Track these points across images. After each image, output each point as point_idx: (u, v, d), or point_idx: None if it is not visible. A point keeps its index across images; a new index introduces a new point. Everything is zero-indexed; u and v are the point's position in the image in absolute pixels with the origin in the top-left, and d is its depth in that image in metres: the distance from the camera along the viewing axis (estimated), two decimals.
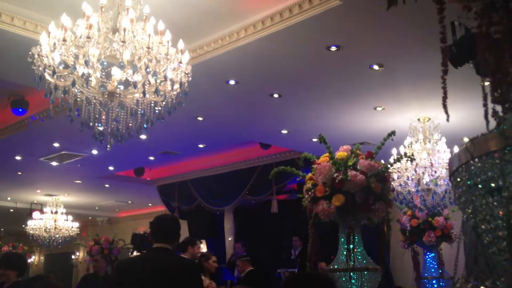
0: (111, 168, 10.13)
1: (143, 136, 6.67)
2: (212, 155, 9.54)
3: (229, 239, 11.38)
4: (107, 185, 12.03)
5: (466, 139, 5.69)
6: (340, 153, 4.45)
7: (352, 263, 4.21)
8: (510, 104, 1.44)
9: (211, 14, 4.64)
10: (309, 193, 4.39)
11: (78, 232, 13.72)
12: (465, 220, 1.57)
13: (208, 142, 8.46)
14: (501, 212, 1.39)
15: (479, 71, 4.88)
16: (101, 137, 4.00)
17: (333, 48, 4.87)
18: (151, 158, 9.44)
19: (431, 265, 7.59)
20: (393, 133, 4.82)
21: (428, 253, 7.64)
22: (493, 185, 1.42)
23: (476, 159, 1.46)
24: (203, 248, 13.02)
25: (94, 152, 8.79)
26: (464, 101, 6.40)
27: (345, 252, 4.29)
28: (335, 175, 4.24)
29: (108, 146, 3.98)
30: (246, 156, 9.82)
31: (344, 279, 4.28)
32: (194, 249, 6.38)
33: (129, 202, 14.78)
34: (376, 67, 5.29)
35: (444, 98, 1.66)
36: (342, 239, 4.38)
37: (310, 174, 4.49)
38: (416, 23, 4.41)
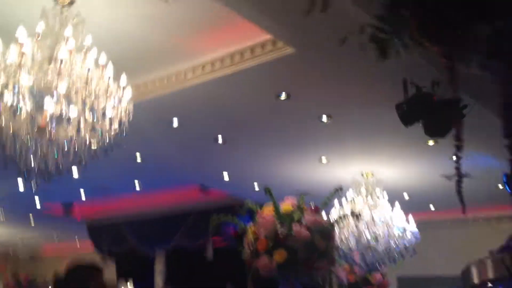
0: (37, 204, 9.50)
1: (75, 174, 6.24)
2: (148, 196, 9.13)
3: (158, 280, 10.88)
4: (32, 225, 11.34)
5: (406, 196, 5.61)
6: (285, 206, 4.26)
7: None
8: None
9: (158, 51, 4.41)
10: (250, 246, 4.17)
11: None
12: None
13: (145, 182, 8.09)
14: None
15: (428, 131, 4.85)
16: (27, 175, 3.64)
17: (283, 96, 4.75)
18: (82, 193, 8.92)
19: None
20: (340, 189, 4.71)
21: None
22: None
23: None
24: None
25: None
26: (407, 158, 6.44)
27: None
28: (279, 229, 4.05)
29: (35, 186, 3.61)
30: (183, 199, 9.46)
31: None
32: None
33: (55, 237, 13.96)
34: (324, 118, 5.20)
35: None
36: None
37: (253, 227, 4.27)
38: (367, 79, 4.36)
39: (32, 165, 3.64)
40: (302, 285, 4.28)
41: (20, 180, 5.21)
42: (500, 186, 6.90)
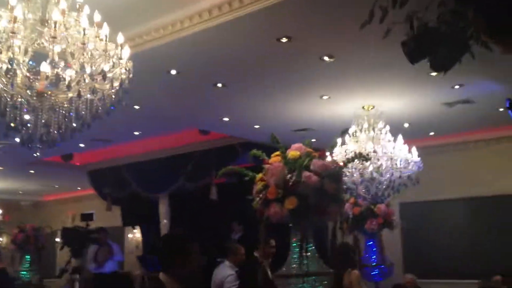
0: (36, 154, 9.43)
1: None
2: (147, 139, 9.08)
3: (164, 221, 11.02)
4: (32, 171, 11.28)
5: (406, 125, 5.57)
6: (293, 153, 4.20)
7: (306, 269, 4.04)
8: None
9: (152, 0, 4.21)
10: (260, 195, 4.15)
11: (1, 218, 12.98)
12: None
13: (144, 129, 8.02)
14: None
15: (434, 65, 4.73)
16: (29, 143, 3.56)
17: (284, 40, 4.59)
18: (82, 145, 8.86)
19: (372, 252, 7.65)
20: (346, 131, 4.66)
21: (369, 240, 7.69)
22: None
23: None
24: (138, 234, 12.63)
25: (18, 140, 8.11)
26: (408, 90, 6.37)
27: (297, 257, 4.13)
28: (288, 176, 4.02)
29: (37, 153, 3.54)
30: (183, 141, 9.42)
31: (297, 284, 4.13)
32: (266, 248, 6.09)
33: (56, 186, 14.02)
34: (326, 58, 5.07)
35: None
36: (294, 244, 4.19)
37: (260, 175, 4.24)
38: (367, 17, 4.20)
39: (33, 132, 3.56)
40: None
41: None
42: (501, 110, 6.89)
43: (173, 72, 5.29)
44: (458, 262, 8.89)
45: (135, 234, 13.32)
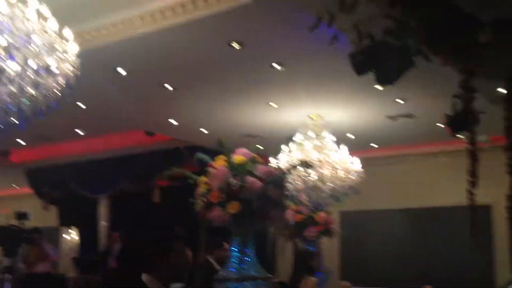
0: None
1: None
2: (91, 139, 8.88)
3: (103, 223, 10.79)
4: None
5: (351, 136, 5.71)
6: (238, 157, 4.23)
7: (245, 272, 4.06)
8: None
9: None
10: (203, 198, 4.15)
11: None
12: None
13: (88, 129, 7.84)
14: None
15: (379, 79, 4.88)
16: None
17: (235, 45, 4.62)
18: (21, 142, 8.56)
19: None
20: (291, 137, 4.73)
21: (309, 247, 7.81)
22: None
23: None
24: (75, 236, 12.29)
25: None
26: (353, 101, 6.53)
27: (236, 261, 4.15)
28: (232, 181, 4.04)
29: None
30: (128, 143, 9.26)
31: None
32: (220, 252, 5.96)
33: None
34: (276, 66, 5.14)
35: None
36: (235, 248, 4.21)
37: (204, 178, 4.24)
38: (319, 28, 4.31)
39: None
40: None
41: None
42: (440, 125, 7.16)
43: (122, 71, 5.22)
44: (392, 271, 9.17)
45: (72, 235, 12.95)
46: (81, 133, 8.13)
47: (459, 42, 1.20)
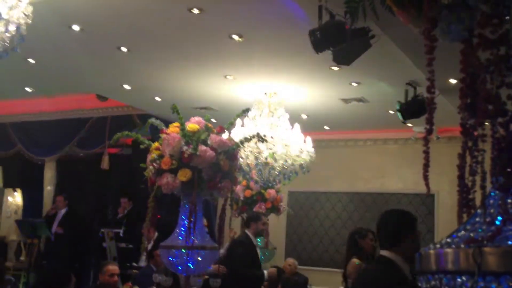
0: None
1: None
2: (39, 99, 8.59)
3: (48, 188, 10.50)
4: None
5: (304, 116, 5.77)
6: (191, 125, 4.20)
7: (192, 241, 4.05)
8: None
9: None
10: (154, 164, 4.10)
11: None
12: None
13: (37, 87, 7.57)
14: None
15: (337, 58, 4.90)
16: None
17: (195, 11, 4.53)
18: None
19: None
20: (247, 110, 4.71)
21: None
22: None
23: None
24: (17, 197, 11.94)
25: None
26: (310, 81, 6.56)
27: (185, 229, 4.13)
28: (184, 148, 4.01)
29: None
30: (79, 105, 9.02)
31: (181, 257, 4.13)
32: (258, 225, 6.08)
33: None
34: (235, 37, 5.08)
35: None
36: (183, 216, 4.19)
37: (156, 144, 4.19)
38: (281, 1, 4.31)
39: None
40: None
41: None
42: (391, 112, 7.31)
43: (76, 28, 5.04)
44: (335, 252, 9.38)
45: (16, 198, 12.56)
46: (30, 91, 7.84)
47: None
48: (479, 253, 1.01)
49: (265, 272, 6.03)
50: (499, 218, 1.11)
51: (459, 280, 1.04)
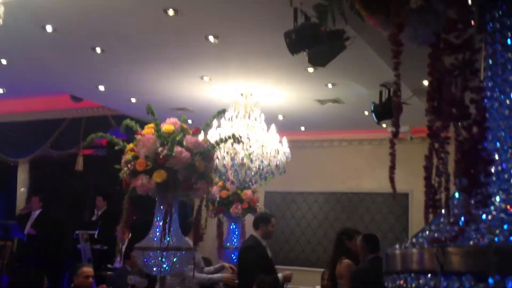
0: None
1: None
2: (12, 99, 8.46)
3: (21, 190, 10.37)
4: None
5: (280, 117, 5.80)
6: (167, 126, 4.20)
7: (166, 243, 4.04)
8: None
9: None
10: (129, 165, 4.09)
11: None
12: None
13: (9, 87, 7.45)
14: None
15: (312, 59, 4.95)
16: None
17: (171, 12, 4.52)
18: None
19: (234, 235, 7.87)
20: (223, 111, 4.73)
21: (232, 224, 7.90)
22: None
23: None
24: None
25: None
26: (286, 82, 6.60)
27: (159, 230, 4.12)
28: (160, 149, 4.01)
29: None
30: (52, 106, 8.91)
31: (156, 258, 4.12)
32: (268, 227, 5.93)
33: None
34: (211, 38, 5.08)
35: None
36: (158, 217, 4.18)
37: (131, 145, 4.18)
38: (256, 3, 4.34)
39: None
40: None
41: None
42: (366, 113, 7.39)
43: (49, 28, 4.98)
44: (312, 251, 9.45)
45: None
46: (1, 92, 7.72)
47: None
48: (442, 253, 1.05)
49: (280, 275, 5.69)
50: (463, 218, 1.15)
51: (422, 279, 1.08)
